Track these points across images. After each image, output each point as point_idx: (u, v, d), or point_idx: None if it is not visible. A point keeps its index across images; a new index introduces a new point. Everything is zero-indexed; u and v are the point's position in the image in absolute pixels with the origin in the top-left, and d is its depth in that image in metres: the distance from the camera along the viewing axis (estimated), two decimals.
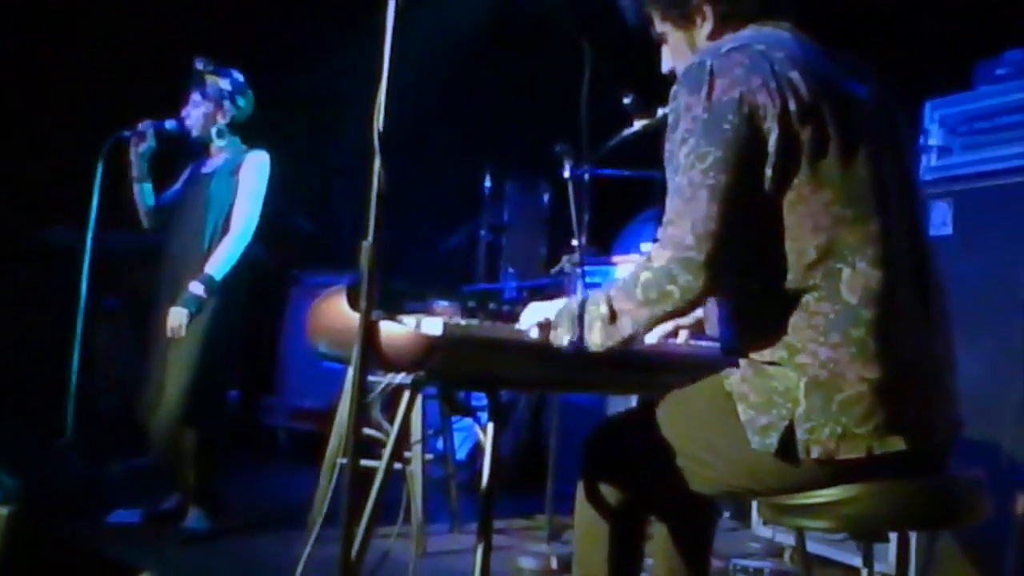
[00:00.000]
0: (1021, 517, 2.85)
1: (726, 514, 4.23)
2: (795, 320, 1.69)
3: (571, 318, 1.83)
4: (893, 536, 3.06)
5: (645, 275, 1.73)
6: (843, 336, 1.66)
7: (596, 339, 1.79)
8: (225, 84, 3.82)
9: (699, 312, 2.23)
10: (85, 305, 3.70)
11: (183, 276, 3.65)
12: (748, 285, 1.75)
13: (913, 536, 3.05)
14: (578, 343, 1.81)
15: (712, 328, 2.22)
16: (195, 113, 3.82)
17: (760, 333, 1.73)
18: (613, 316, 1.77)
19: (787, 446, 1.67)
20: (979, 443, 2.79)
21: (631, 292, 1.74)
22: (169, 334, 3.59)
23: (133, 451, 4.07)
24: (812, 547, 3.25)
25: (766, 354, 1.71)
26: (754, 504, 3.80)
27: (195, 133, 3.84)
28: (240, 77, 3.87)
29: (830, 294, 1.67)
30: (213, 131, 3.84)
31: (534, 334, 1.91)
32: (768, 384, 1.70)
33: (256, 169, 3.79)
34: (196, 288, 3.60)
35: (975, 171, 3.15)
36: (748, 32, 1.83)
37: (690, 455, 1.83)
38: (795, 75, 1.70)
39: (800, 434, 1.66)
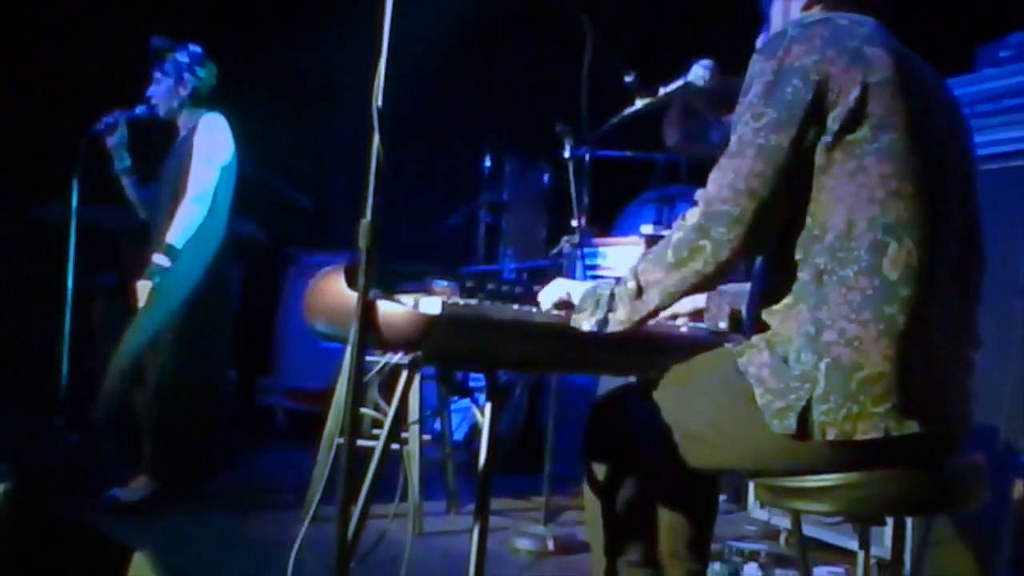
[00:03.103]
0: (1018, 502, 2.85)
1: (722, 497, 4.23)
2: (831, 295, 1.67)
3: (596, 301, 1.83)
4: (889, 519, 3.06)
5: (677, 235, 1.73)
6: (874, 313, 1.64)
7: (621, 316, 1.79)
8: (182, 57, 3.82)
9: (700, 302, 2.22)
10: (76, 284, 3.72)
11: (152, 251, 3.71)
12: (788, 256, 1.73)
13: (909, 520, 3.05)
14: (599, 327, 1.81)
15: (712, 321, 2.20)
16: (158, 92, 3.84)
17: (792, 307, 1.71)
18: (640, 291, 1.77)
19: (804, 427, 1.66)
20: (978, 428, 2.79)
21: (662, 257, 1.74)
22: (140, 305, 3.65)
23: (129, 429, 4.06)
24: (808, 530, 3.25)
25: (793, 327, 1.70)
26: (751, 487, 3.81)
27: (161, 112, 3.86)
28: (198, 49, 3.86)
29: (871, 268, 1.65)
30: (176, 105, 3.85)
31: (546, 306, 1.92)
32: (785, 369, 1.68)
33: (205, 131, 3.79)
34: (159, 259, 3.64)
35: (977, 154, 3.13)
36: (833, 13, 1.83)
37: (690, 432, 1.82)
38: (874, 50, 1.71)
39: (816, 415, 1.65)
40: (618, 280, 1.83)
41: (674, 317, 2.25)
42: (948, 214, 1.74)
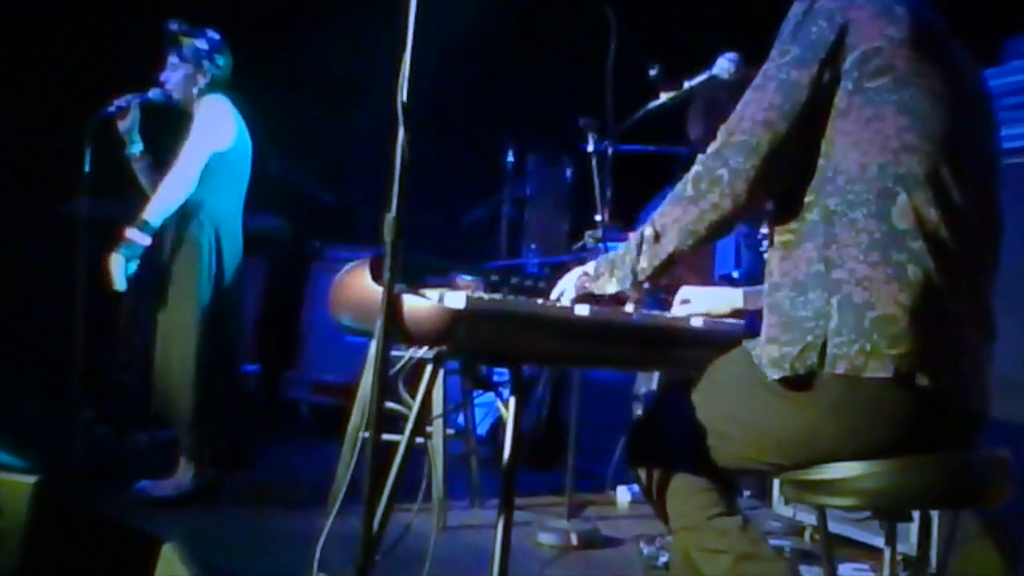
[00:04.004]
0: None
1: (746, 493, 4.22)
2: (840, 235, 1.69)
3: (611, 263, 1.87)
4: (915, 516, 3.04)
5: (695, 169, 1.78)
6: (883, 257, 1.66)
7: (643, 264, 1.82)
8: (201, 44, 3.74)
9: (738, 302, 2.22)
10: (92, 279, 3.68)
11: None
12: (798, 199, 1.75)
13: (935, 517, 3.03)
14: (624, 283, 1.84)
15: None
16: (174, 77, 3.75)
17: (802, 248, 1.74)
18: (657, 235, 1.80)
19: (821, 361, 1.66)
20: (1004, 425, 2.77)
21: (679, 194, 1.78)
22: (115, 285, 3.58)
23: (157, 422, 4.10)
24: (833, 527, 3.23)
25: (803, 268, 1.72)
26: (775, 483, 3.79)
27: (176, 96, 3.76)
28: (216, 36, 3.78)
29: (880, 213, 1.67)
30: (195, 92, 3.76)
31: (566, 300, 1.95)
32: (795, 318, 1.70)
33: (203, 113, 3.71)
34: (131, 234, 3.57)
35: (1004, 147, 3.09)
36: None
37: (712, 429, 1.84)
38: (902, 10, 1.74)
39: (831, 348, 1.66)
40: (633, 235, 1.86)
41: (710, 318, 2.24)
42: (964, 188, 1.73)
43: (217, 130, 3.72)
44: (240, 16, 4.83)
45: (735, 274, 4.19)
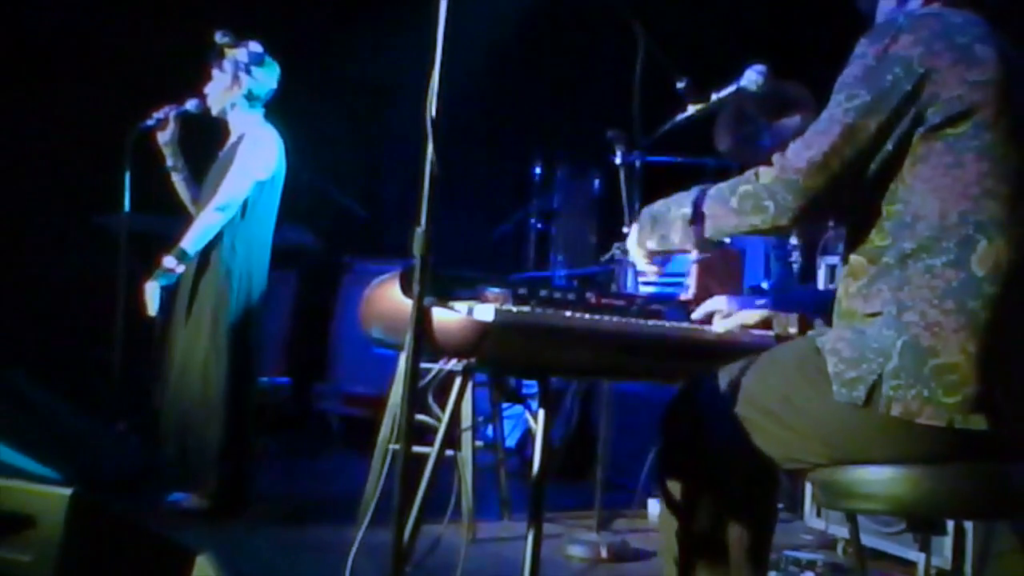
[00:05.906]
0: None
1: (778, 505, 4.18)
2: (915, 279, 1.69)
3: (652, 220, 1.93)
4: (950, 530, 3.01)
5: (745, 187, 1.78)
6: (957, 304, 1.66)
7: (675, 239, 1.88)
8: (241, 55, 3.71)
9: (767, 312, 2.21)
10: (131, 292, 3.69)
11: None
12: (874, 239, 1.76)
13: (970, 530, 3.00)
14: (659, 244, 1.91)
15: (781, 328, 2.19)
16: (214, 89, 3.73)
17: (875, 288, 1.74)
18: (694, 218, 1.83)
19: (872, 400, 1.67)
20: None
21: (725, 199, 1.81)
22: (149, 311, 3.58)
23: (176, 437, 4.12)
24: (866, 540, 3.20)
25: (876, 305, 1.72)
26: (807, 495, 3.77)
27: (214, 110, 3.75)
28: (258, 48, 3.75)
29: (959, 262, 1.68)
30: (229, 104, 3.74)
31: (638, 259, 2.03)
32: (863, 341, 1.70)
33: (251, 143, 3.69)
34: (168, 262, 3.56)
35: None
36: (948, 9, 1.84)
37: (762, 407, 1.82)
38: (985, 49, 1.73)
39: (885, 389, 1.66)
40: (672, 199, 1.91)
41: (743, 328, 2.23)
42: None
43: (262, 162, 3.71)
44: (273, 28, 4.87)
45: (764, 285, 4.17)
